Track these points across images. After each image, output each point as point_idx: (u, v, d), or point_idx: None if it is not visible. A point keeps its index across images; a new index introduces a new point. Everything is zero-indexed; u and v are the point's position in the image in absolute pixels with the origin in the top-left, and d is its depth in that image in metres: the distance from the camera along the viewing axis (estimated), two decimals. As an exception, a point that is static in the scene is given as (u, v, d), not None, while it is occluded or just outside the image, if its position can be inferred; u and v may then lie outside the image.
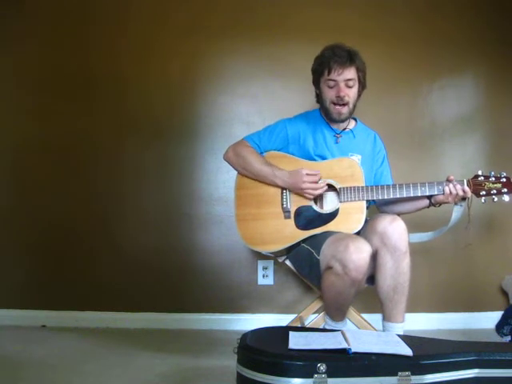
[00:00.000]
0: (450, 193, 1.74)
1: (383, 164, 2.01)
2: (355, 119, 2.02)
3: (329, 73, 1.82)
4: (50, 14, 2.58)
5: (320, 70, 1.86)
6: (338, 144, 1.93)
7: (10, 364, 1.79)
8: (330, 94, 1.86)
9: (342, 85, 1.83)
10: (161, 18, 2.58)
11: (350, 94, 1.85)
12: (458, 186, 1.74)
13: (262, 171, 1.86)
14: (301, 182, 1.78)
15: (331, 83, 1.84)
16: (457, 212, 1.81)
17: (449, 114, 2.58)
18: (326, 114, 1.93)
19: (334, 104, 1.86)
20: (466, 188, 1.74)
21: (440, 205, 1.82)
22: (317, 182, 1.80)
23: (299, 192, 1.82)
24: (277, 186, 1.85)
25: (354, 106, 1.89)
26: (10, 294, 2.49)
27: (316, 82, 1.93)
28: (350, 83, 1.84)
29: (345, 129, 1.96)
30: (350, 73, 1.83)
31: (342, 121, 1.92)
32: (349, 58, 1.81)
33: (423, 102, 2.58)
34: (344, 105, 1.85)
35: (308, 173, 1.79)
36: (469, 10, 2.60)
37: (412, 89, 2.57)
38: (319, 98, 1.94)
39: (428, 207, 1.86)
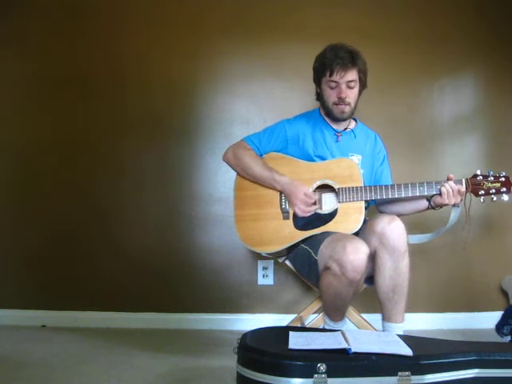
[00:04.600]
0: (447, 193, 1.73)
1: (383, 163, 2.01)
2: (355, 119, 2.02)
3: (330, 74, 1.82)
4: (49, 14, 2.58)
5: (321, 70, 1.86)
6: (338, 143, 1.93)
7: (10, 364, 1.79)
8: (331, 95, 1.86)
9: (344, 86, 1.83)
10: (161, 18, 2.58)
11: (352, 94, 1.86)
12: (453, 184, 1.73)
13: (261, 175, 1.86)
14: (295, 197, 1.80)
15: (333, 84, 1.84)
16: (455, 212, 1.81)
17: (449, 113, 2.58)
18: (327, 114, 1.93)
19: (336, 104, 1.86)
20: (461, 186, 1.74)
21: (440, 207, 1.82)
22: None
23: (291, 204, 1.83)
24: (275, 189, 1.86)
25: (355, 105, 1.90)
26: (10, 294, 2.49)
27: (317, 81, 1.93)
28: (352, 84, 1.84)
29: (345, 129, 1.96)
30: (352, 75, 1.83)
31: (344, 119, 1.92)
32: (351, 59, 1.81)
33: (423, 102, 2.57)
34: (346, 104, 1.85)
35: (307, 193, 1.79)
36: (469, 9, 2.60)
37: (412, 89, 2.57)
38: (320, 97, 1.94)
39: (427, 209, 1.86)
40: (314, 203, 1.81)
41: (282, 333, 1.48)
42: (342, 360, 1.27)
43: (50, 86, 2.56)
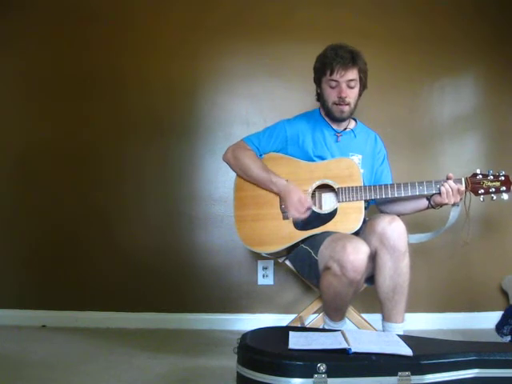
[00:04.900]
0: (447, 191, 1.73)
1: (383, 163, 2.01)
2: (355, 119, 2.02)
3: (331, 73, 1.82)
4: (49, 14, 2.58)
5: (322, 69, 1.86)
6: (338, 143, 1.93)
7: (10, 364, 1.79)
8: (331, 95, 1.86)
9: (344, 86, 1.83)
10: (161, 18, 2.58)
11: (352, 94, 1.86)
12: (452, 183, 1.73)
13: (259, 177, 1.86)
14: (289, 203, 1.79)
15: (333, 83, 1.84)
16: (454, 212, 1.81)
17: (449, 113, 2.58)
18: (327, 114, 1.93)
19: (336, 104, 1.86)
20: (461, 186, 1.74)
21: (440, 206, 1.82)
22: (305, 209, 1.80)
23: (285, 206, 1.82)
24: (272, 192, 1.86)
25: (355, 105, 1.90)
26: (10, 294, 2.49)
27: (317, 81, 1.93)
28: (352, 84, 1.84)
29: (345, 128, 1.96)
30: (353, 74, 1.83)
31: (344, 119, 1.92)
32: (351, 59, 1.81)
33: (423, 102, 2.57)
34: (346, 104, 1.85)
35: (301, 199, 1.78)
36: (469, 9, 2.60)
37: (412, 89, 2.57)
38: (320, 97, 1.94)
39: (427, 208, 1.86)
40: (308, 208, 1.80)
41: (281, 333, 1.48)
42: (342, 360, 1.27)
43: (50, 86, 2.56)
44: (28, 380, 1.61)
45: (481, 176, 1.77)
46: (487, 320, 2.27)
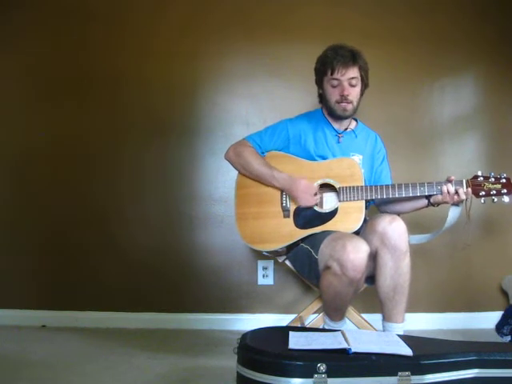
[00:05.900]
0: (448, 192, 1.73)
1: (383, 163, 2.01)
2: (356, 120, 2.03)
3: (332, 73, 1.83)
4: (49, 14, 2.58)
5: (323, 69, 1.86)
6: (339, 144, 1.94)
7: (10, 364, 1.79)
8: (333, 94, 1.86)
9: (346, 84, 1.84)
10: (160, 18, 2.58)
11: (354, 93, 1.86)
12: (451, 188, 1.72)
13: (260, 172, 1.86)
14: (296, 190, 1.80)
15: (335, 82, 1.85)
16: (453, 212, 1.80)
17: (449, 113, 2.57)
18: (330, 113, 1.93)
19: (339, 102, 1.86)
20: (465, 190, 1.73)
21: (439, 205, 1.82)
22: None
23: (293, 198, 1.83)
24: (274, 187, 1.86)
25: (358, 104, 1.90)
26: (10, 294, 2.49)
27: (319, 82, 1.93)
28: (354, 82, 1.84)
29: (346, 129, 1.97)
30: (353, 72, 1.84)
31: (347, 117, 1.92)
32: (352, 57, 1.82)
33: (423, 102, 2.57)
34: (348, 102, 1.86)
35: (306, 184, 1.79)
36: (470, 9, 2.60)
37: (412, 89, 2.57)
38: (322, 97, 1.94)
39: (427, 207, 1.86)
40: (315, 194, 1.81)
41: (282, 333, 1.48)
42: (342, 360, 1.27)
43: (50, 86, 2.56)
44: (28, 380, 1.61)
45: (482, 178, 1.76)
46: (487, 320, 2.27)
